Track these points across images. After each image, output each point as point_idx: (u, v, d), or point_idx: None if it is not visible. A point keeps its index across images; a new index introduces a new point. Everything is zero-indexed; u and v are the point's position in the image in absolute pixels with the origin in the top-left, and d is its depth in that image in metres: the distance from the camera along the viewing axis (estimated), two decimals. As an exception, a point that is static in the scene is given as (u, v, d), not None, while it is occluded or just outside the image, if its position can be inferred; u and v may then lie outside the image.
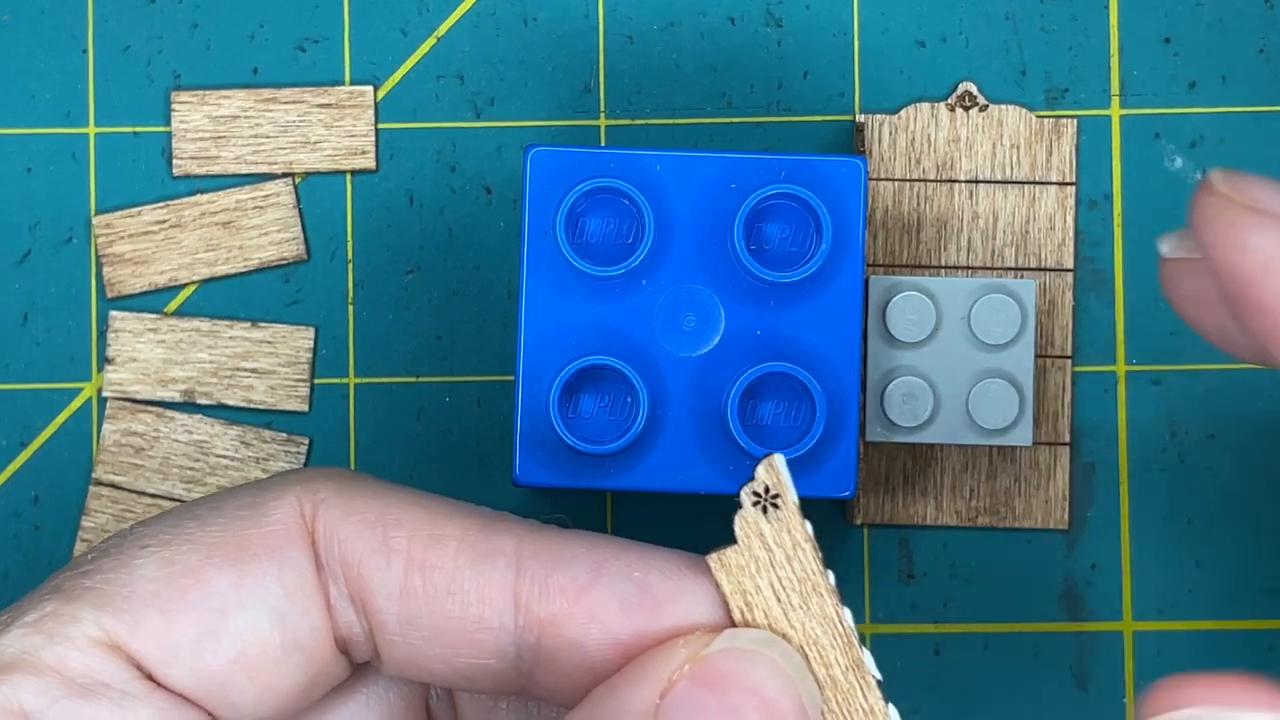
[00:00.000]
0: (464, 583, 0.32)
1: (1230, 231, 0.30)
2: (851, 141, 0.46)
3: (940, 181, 0.45)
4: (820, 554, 0.32)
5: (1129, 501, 0.46)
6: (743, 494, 0.32)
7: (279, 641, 0.32)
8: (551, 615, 0.32)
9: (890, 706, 0.32)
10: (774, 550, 0.32)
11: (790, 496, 0.32)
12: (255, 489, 0.34)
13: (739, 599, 0.32)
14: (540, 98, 0.46)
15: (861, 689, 0.32)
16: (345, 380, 0.46)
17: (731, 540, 0.32)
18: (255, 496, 0.33)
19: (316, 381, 0.46)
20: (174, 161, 0.46)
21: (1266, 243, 0.30)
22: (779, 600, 0.32)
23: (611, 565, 0.32)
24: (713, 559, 0.32)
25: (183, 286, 0.46)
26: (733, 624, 0.32)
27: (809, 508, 0.31)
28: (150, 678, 0.32)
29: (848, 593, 0.46)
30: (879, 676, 0.32)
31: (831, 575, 0.32)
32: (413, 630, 0.33)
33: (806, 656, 0.32)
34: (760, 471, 0.32)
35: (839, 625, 0.32)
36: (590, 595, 0.32)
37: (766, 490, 0.32)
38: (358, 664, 0.34)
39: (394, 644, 0.33)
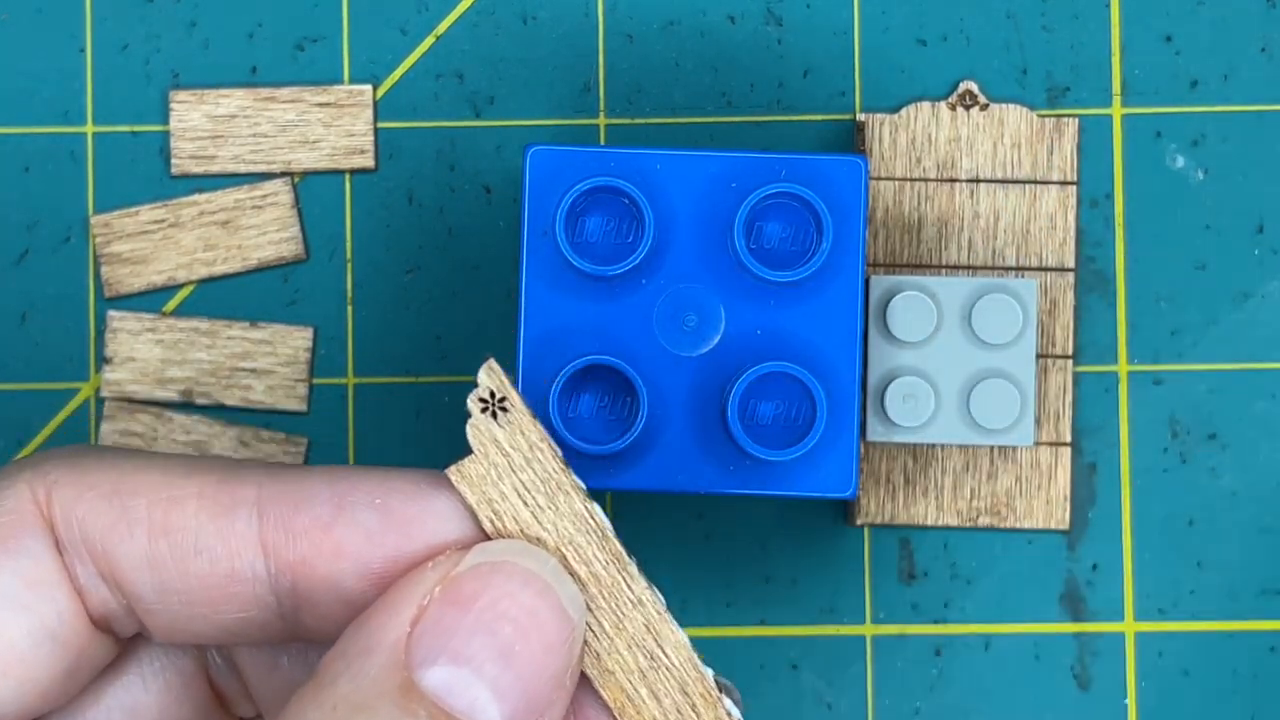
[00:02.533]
0: (208, 539, 0.32)
1: None
2: (852, 140, 0.46)
3: (941, 181, 0.45)
4: (560, 453, 0.31)
5: (1130, 502, 0.46)
6: (469, 402, 0.31)
7: (26, 632, 0.32)
8: (301, 557, 0.32)
9: (654, 590, 0.31)
10: (511, 454, 0.31)
11: (517, 398, 0.31)
12: None
13: (486, 509, 0.31)
14: (540, 97, 0.46)
15: (625, 580, 0.31)
16: (344, 380, 0.46)
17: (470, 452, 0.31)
18: None
19: (315, 381, 0.46)
20: (172, 161, 0.46)
21: None
22: (526, 505, 0.31)
23: (352, 496, 0.32)
24: (452, 472, 0.31)
25: (181, 286, 0.46)
26: (486, 536, 0.31)
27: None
28: None
29: (848, 594, 0.46)
30: (637, 560, 0.31)
31: (576, 476, 0.32)
32: (169, 596, 0.32)
33: (565, 557, 0.31)
34: (482, 376, 0.31)
35: (591, 520, 0.31)
36: (334, 531, 0.32)
37: (492, 395, 0.31)
38: (126, 640, 0.34)
39: (155, 612, 0.32)
